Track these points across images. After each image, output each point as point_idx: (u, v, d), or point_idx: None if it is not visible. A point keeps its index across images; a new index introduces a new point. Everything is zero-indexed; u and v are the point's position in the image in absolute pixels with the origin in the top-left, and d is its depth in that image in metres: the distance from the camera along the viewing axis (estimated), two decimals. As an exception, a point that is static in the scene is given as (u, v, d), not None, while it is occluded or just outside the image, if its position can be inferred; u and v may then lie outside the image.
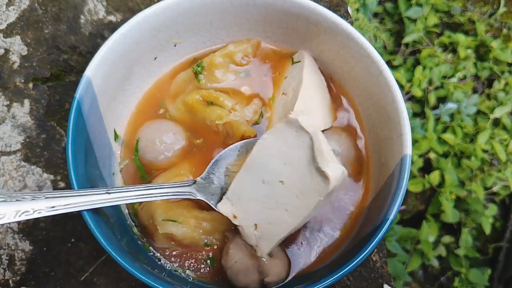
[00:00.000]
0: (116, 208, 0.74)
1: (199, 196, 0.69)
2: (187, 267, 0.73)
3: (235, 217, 0.69)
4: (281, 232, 0.66)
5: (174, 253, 0.73)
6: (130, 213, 0.76)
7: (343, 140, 0.78)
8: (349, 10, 1.06)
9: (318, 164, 0.61)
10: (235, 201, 0.69)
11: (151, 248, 0.73)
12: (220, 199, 0.71)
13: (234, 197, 0.69)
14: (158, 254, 0.73)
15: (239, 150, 0.74)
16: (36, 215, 0.56)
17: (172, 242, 0.72)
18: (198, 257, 0.73)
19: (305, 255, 0.72)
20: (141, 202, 0.74)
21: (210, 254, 0.73)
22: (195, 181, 0.70)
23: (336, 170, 0.62)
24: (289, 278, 0.71)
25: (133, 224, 0.75)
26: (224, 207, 0.69)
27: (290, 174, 0.65)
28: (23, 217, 0.55)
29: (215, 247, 0.73)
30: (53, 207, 0.57)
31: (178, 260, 0.73)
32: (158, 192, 0.65)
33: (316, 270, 0.70)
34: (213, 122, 0.78)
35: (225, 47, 0.83)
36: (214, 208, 0.70)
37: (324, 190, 0.62)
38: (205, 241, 0.72)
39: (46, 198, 0.58)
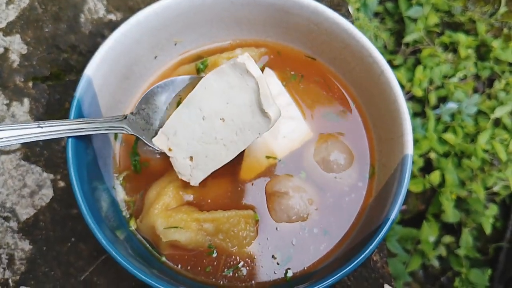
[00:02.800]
0: (123, 223, 0.73)
1: (131, 131, 0.71)
2: (192, 270, 0.72)
3: (170, 150, 0.72)
4: (217, 164, 0.71)
5: (179, 258, 0.72)
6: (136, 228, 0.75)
7: (341, 147, 0.78)
8: (350, 10, 1.05)
9: (263, 106, 0.65)
10: (171, 136, 0.71)
11: (157, 255, 0.73)
12: (155, 135, 0.73)
13: (171, 131, 0.71)
14: (165, 260, 0.72)
15: (170, 88, 0.76)
16: None
17: (177, 250, 0.72)
18: (203, 260, 0.72)
19: (305, 255, 0.72)
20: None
21: (215, 254, 0.72)
22: (126, 116, 0.71)
23: (276, 111, 0.67)
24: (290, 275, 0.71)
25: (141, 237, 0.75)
26: (159, 141, 0.72)
27: (231, 113, 0.68)
28: None
29: (219, 247, 0.72)
30: None
31: (185, 264, 0.72)
32: (91, 127, 0.66)
33: (316, 270, 0.70)
34: None
35: (232, 51, 0.82)
36: (147, 143, 0.72)
37: (264, 128, 0.67)
38: (210, 242, 0.72)
39: None
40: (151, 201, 0.73)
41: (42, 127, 0.61)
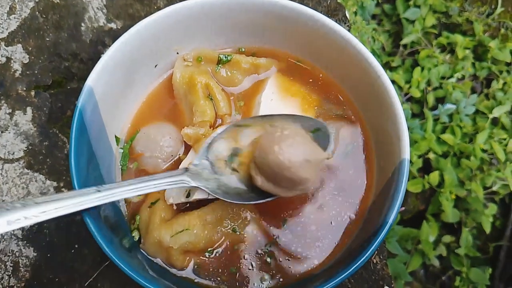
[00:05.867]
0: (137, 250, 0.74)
1: (194, 183, 0.68)
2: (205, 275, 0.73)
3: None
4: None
5: (195, 267, 0.73)
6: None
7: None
8: (347, 14, 1.07)
9: None
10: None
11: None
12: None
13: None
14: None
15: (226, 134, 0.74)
16: (28, 222, 0.55)
17: (190, 255, 0.72)
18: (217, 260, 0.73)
19: (305, 259, 0.73)
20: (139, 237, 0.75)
21: (221, 249, 0.73)
22: (187, 168, 0.70)
23: None
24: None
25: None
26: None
27: None
28: (14, 226, 0.54)
29: (227, 235, 0.73)
30: (44, 211, 0.57)
31: (205, 272, 0.73)
32: (152, 184, 0.64)
33: (316, 273, 0.71)
34: (191, 118, 0.80)
35: (257, 58, 0.84)
36: (208, 192, 0.68)
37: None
38: (218, 234, 0.72)
39: (36, 203, 0.57)
40: (146, 221, 0.73)
41: (101, 191, 0.61)
